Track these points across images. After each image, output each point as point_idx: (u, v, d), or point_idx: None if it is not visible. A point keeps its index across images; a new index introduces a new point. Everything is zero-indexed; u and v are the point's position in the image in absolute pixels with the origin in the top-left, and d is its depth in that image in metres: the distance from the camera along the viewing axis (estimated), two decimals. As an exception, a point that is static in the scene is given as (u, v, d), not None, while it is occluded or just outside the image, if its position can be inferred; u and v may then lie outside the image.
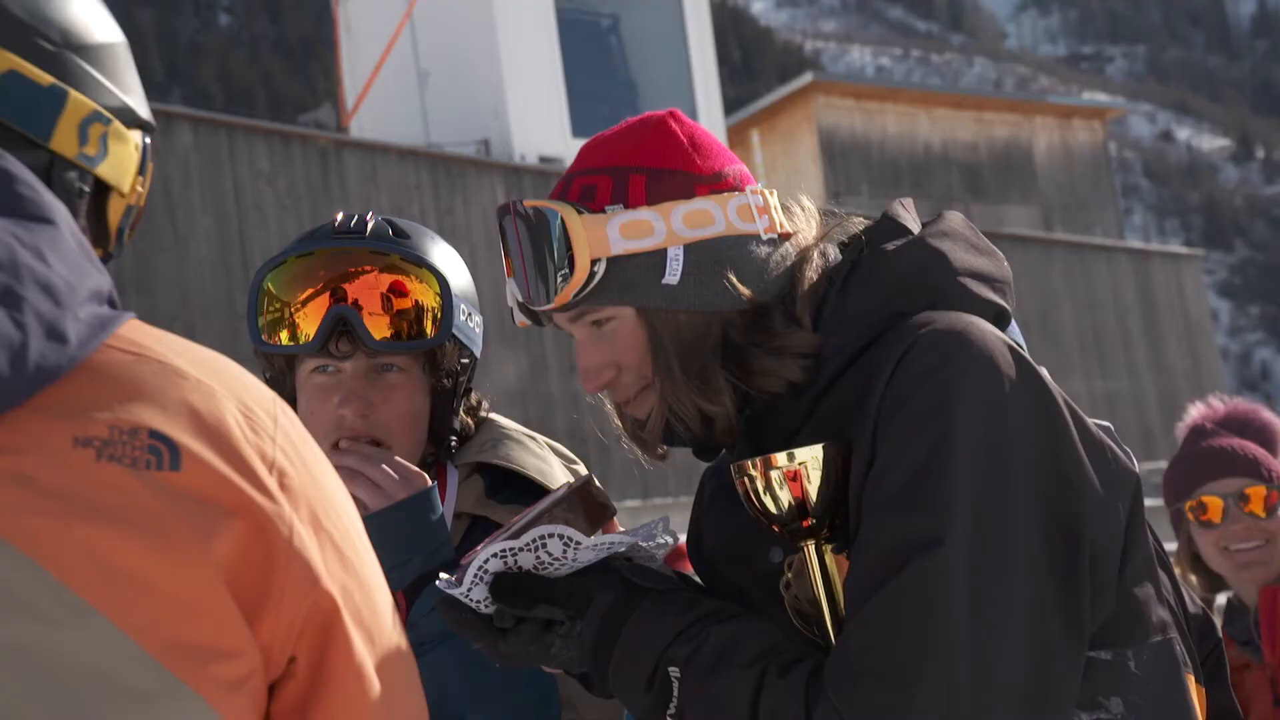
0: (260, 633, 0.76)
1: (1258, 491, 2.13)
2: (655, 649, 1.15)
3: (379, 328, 1.45)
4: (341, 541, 0.81)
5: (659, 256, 1.21)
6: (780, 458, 1.18)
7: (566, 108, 9.45)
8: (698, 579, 1.33)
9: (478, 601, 1.19)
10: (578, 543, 1.18)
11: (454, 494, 1.52)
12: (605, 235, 1.21)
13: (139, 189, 0.97)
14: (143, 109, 0.97)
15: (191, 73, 61.63)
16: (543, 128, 9.39)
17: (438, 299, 1.46)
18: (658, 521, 1.25)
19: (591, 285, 1.21)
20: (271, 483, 0.78)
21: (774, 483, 1.18)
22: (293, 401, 1.50)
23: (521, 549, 1.18)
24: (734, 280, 1.21)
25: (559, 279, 1.21)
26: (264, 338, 1.48)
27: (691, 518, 1.36)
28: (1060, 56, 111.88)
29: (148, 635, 0.73)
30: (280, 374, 1.52)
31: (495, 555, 1.18)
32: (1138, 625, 1.18)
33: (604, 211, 1.22)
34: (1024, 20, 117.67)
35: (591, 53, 9.87)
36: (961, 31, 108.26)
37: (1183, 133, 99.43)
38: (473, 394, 1.58)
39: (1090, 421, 1.19)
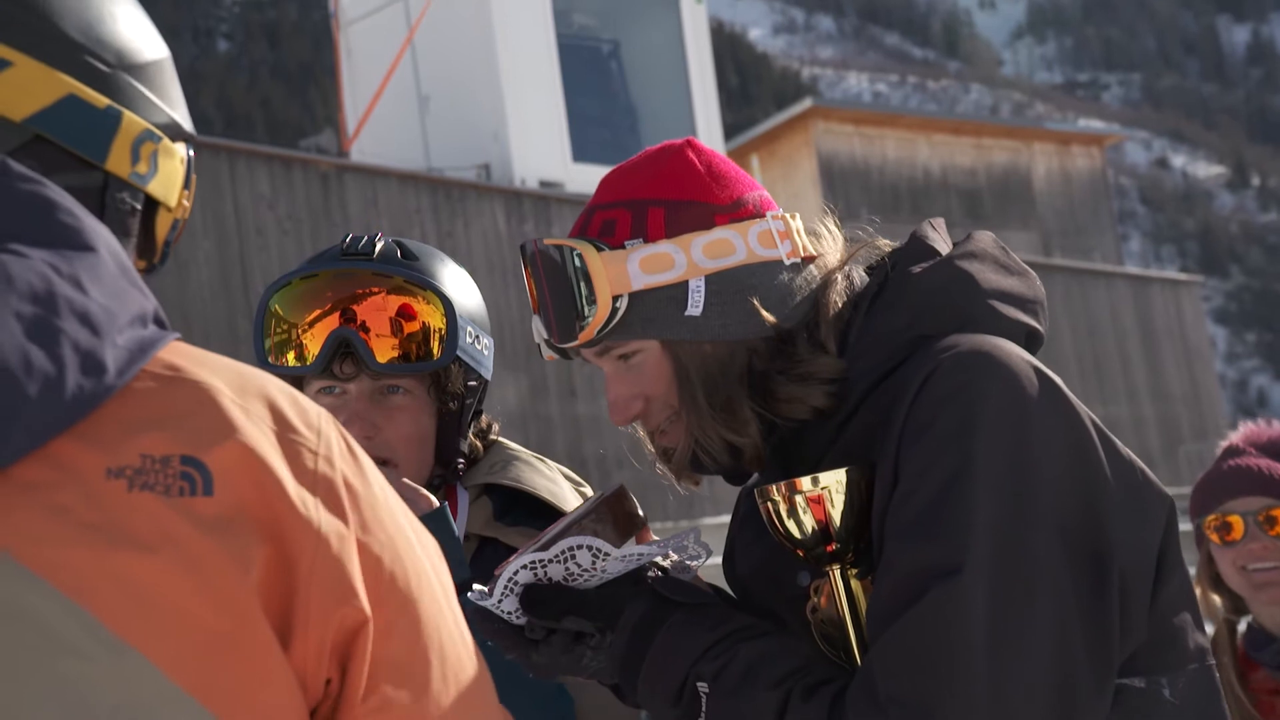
0: (293, 657, 0.74)
1: (1277, 512, 2.11)
2: (684, 663, 1.15)
3: (383, 349, 1.45)
4: (391, 557, 0.79)
5: (680, 289, 1.21)
6: (804, 482, 1.17)
7: (567, 132, 9.48)
8: (731, 592, 1.32)
9: (509, 613, 1.19)
10: (606, 554, 1.18)
11: (464, 515, 1.51)
12: (625, 271, 1.21)
13: (185, 202, 0.98)
14: (187, 122, 0.97)
15: (190, 98, 61.70)
16: (543, 152, 9.41)
17: (443, 321, 1.46)
18: (689, 533, 1.25)
19: (614, 321, 1.21)
20: (307, 499, 0.76)
21: (797, 507, 1.18)
22: None
23: (551, 560, 1.18)
24: (758, 307, 1.21)
25: (582, 317, 1.21)
26: (270, 359, 1.48)
27: (727, 536, 1.36)
28: (1056, 84, 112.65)
29: (184, 670, 0.71)
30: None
31: (525, 567, 1.18)
32: (1172, 652, 1.16)
33: (624, 247, 1.22)
34: (1020, 48, 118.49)
35: (592, 78, 9.91)
36: (958, 58, 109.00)
37: (1178, 160, 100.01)
38: (483, 416, 1.58)
39: (1119, 442, 1.18)
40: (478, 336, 1.50)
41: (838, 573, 1.19)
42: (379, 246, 1.48)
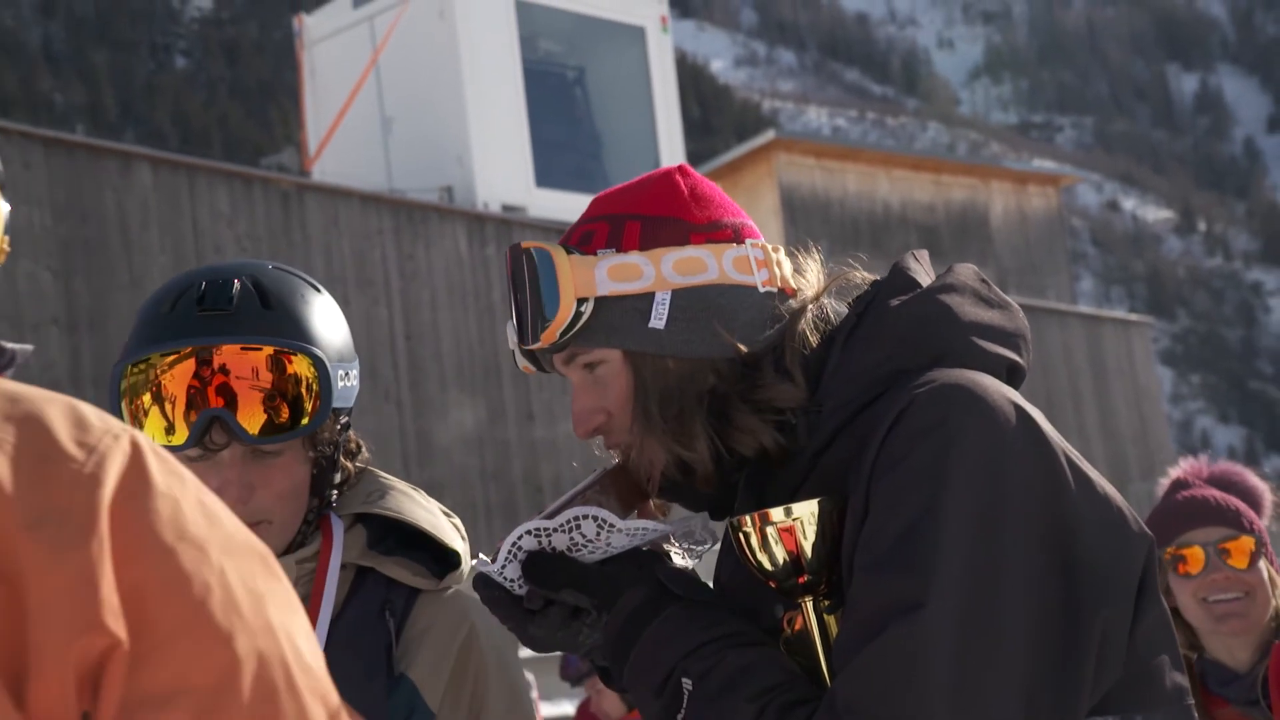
0: (33, 700, 0.67)
1: (1239, 544, 2.09)
2: (672, 657, 1.15)
3: (254, 417, 1.38)
4: (168, 581, 0.71)
5: (646, 300, 1.21)
6: (776, 513, 1.17)
7: (530, 157, 9.47)
8: None
9: (512, 581, 1.18)
10: (611, 525, 1.18)
11: (340, 544, 1.47)
12: (593, 276, 1.21)
13: (5, 248, 1.00)
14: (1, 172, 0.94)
15: (146, 113, 61.33)
16: (506, 176, 9.40)
17: (315, 382, 1.40)
18: (697, 518, 1.25)
19: (578, 326, 1.21)
20: (49, 524, 0.69)
21: (769, 538, 1.17)
22: None
23: (555, 529, 1.18)
24: (722, 326, 1.21)
25: (545, 318, 1.21)
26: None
27: (716, 566, 1.35)
28: (1011, 124, 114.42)
29: None
30: None
31: (529, 533, 1.18)
32: (1148, 690, 1.15)
33: (595, 255, 1.22)
34: (977, 88, 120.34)
35: (557, 103, 9.92)
36: (916, 96, 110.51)
37: (1129, 203, 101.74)
38: (350, 435, 1.52)
39: (1099, 478, 1.17)
40: (346, 374, 1.44)
41: (809, 605, 1.18)
42: (236, 299, 1.39)
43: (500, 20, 9.57)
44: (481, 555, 1.21)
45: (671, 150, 9.66)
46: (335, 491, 1.49)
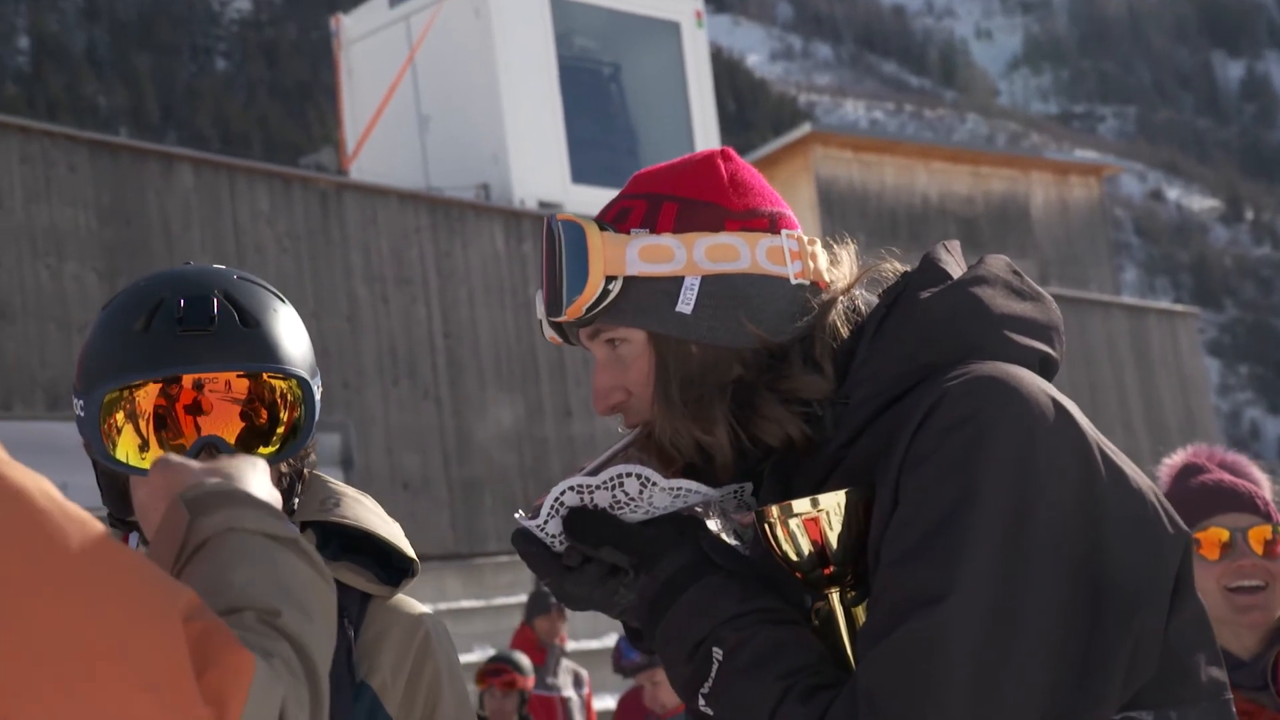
0: None
1: (1262, 530, 2.06)
2: (706, 625, 1.15)
3: (238, 438, 1.38)
4: None
5: (675, 284, 1.21)
6: (800, 503, 1.16)
7: (566, 154, 9.49)
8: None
9: (553, 537, 1.19)
10: (655, 484, 1.17)
11: None
12: (623, 255, 1.21)
13: None
14: None
15: (188, 115, 61.99)
16: (542, 173, 9.43)
17: (301, 403, 1.40)
18: (743, 487, 1.24)
19: (605, 303, 1.21)
20: None
21: (794, 529, 1.17)
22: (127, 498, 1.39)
23: (598, 486, 1.18)
24: (748, 317, 1.21)
25: (572, 291, 1.21)
26: (116, 455, 1.35)
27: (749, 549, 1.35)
28: (1052, 114, 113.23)
29: None
30: (116, 478, 1.40)
31: (571, 489, 1.18)
32: (1183, 685, 1.14)
33: (629, 233, 1.22)
34: (1016, 78, 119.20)
35: (592, 100, 9.93)
36: (954, 88, 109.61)
37: (1173, 192, 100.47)
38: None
39: (1135, 472, 1.16)
40: (318, 388, 1.44)
41: (835, 597, 1.18)
42: (216, 317, 1.37)
43: (535, 17, 9.59)
44: (520, 511, 1.21)
45: (707, 145, 9.65)
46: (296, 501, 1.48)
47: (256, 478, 1.05)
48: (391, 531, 1.49)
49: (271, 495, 1.05)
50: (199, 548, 0.95)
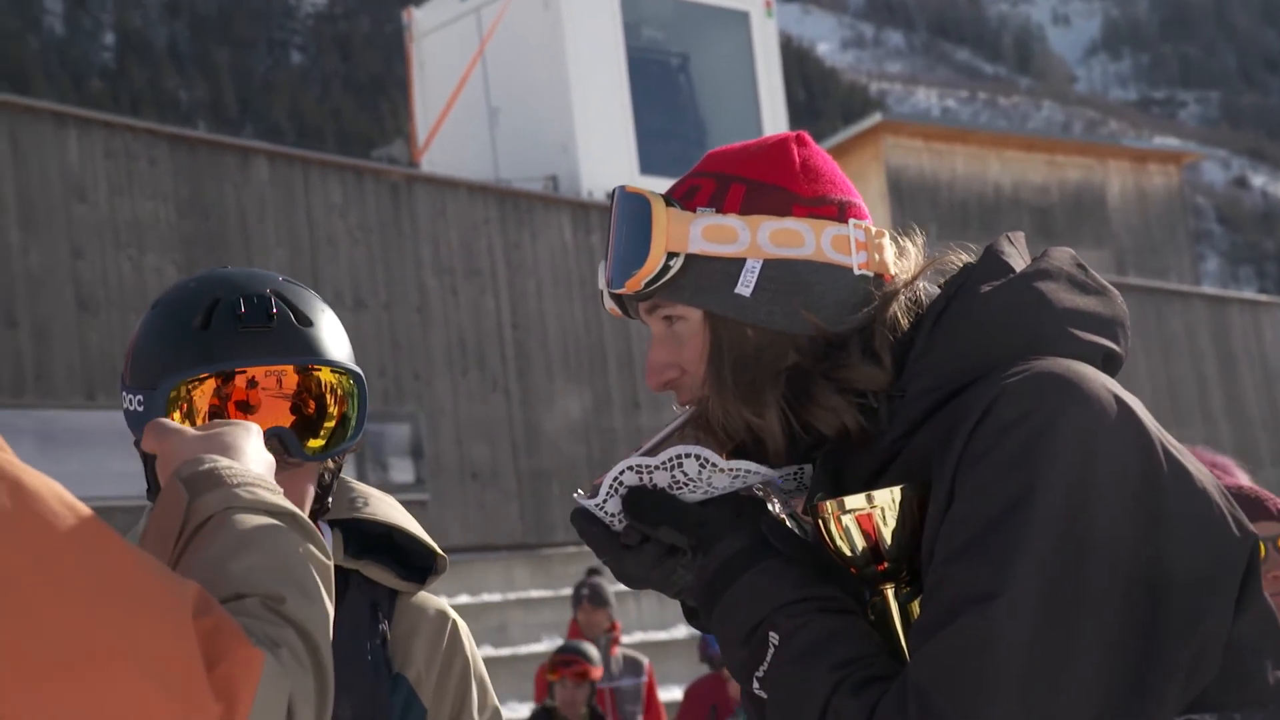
0: None
1: None
2: (763, 609, 1.15)
3: (307, 438, 1.42)
4: None
5: (736, 265, 1.20)
6: (855, 499, 1.15)
7: (635, 145, 9.50)
8: None
9: (612, 516, 1.19)
10: (714, 464, 1.18)
11: (330, 548, 1.50)
12: (687, 232, 1.20)
13: None
14: None
15: (264, 109, 63.03)
16: (611, 165, 9.44)
17: (355, 404, 1.44)
18: (803, 469, 1.24)
19: (665, 278, 1.21)
20: None
21: (848, 524, 1.16)
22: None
23: (657, 467, 1.18)
24: (806, 305, 1.20)
25: (633, 264, 1.21)
26: None
27: None
28: (1131, 101, 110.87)
29: None
30: None
31: (630, 469, 1.19)
32: (1248, 688, 1.13)
33: (695, 211, 1.22)
34: (1094, 64, 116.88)
35: (661, 91, 9.93)
36: (1029, 74, 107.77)
37: (1258, 179, 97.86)
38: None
39: (1200, 472, 1.14)
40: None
41: (890, 593, 1.17)
42: (275, 314, 1.41)
43: (604, 9, 9.61)
44: (580, 490, 1.22)
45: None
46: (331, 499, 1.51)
47: (251, 444, 1.06)
48: (418, 531, 1.53)
49: (266, 462, 1.06)
50: (199, 527, 0.96)
